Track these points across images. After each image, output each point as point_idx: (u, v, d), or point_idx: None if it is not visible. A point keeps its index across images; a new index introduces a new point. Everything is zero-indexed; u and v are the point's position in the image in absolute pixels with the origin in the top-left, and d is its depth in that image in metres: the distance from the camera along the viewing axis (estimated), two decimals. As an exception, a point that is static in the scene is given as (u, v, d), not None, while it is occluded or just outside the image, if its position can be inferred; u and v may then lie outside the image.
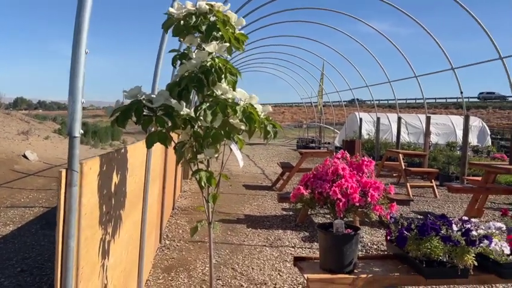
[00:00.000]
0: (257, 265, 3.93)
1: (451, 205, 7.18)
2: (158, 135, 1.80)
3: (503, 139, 19.85)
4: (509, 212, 2.68)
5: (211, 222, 1.93)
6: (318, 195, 2.17)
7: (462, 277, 2.06)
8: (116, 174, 1.99)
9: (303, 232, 5.11)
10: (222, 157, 2.08)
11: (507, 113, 43.31)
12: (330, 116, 24.43)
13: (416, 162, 10.80)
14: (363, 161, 2.27)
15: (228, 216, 5.84)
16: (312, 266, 2.30)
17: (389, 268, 2.26)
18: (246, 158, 14.25)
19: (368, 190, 2.13)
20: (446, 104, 46.05)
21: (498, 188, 5.94)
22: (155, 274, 3.60)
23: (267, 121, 1.93)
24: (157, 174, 3.67)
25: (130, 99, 1.83)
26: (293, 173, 7.91)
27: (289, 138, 25.60)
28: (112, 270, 2.02)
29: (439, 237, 2.09)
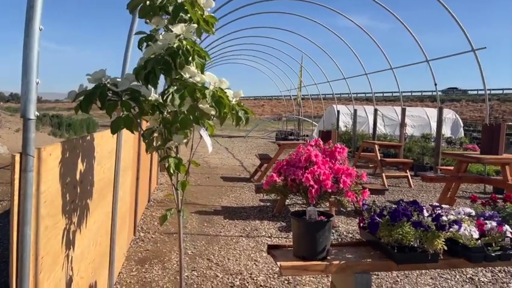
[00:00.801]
0: (233, 255, 3.91)
1: (425, 194, 7.34)
2: (124, 120, 1.73)
3: (476, 131, 20.42)
4: (478, 198, 2.73)
5: (180, 210, 1.88)
6: (291, 182, 2.15)
7: (432, 262, 2.09)
8: (81, 162, 1.91)
9: (280, 222, 5.11)
10: (194, 145, 2.03)
11: (479, 106, 44.59)
12: (309, 109, 24.57)
13: (392, 153, 10.98)
14: (336, 148, 2.26)
15: (205, 207, 5.79)
16: (285, 254, 2.28)
17: (361, 254, 2.27)
18: (225, 151, 14.18)
19: (340, 177, 2.12)
20: (422, 97, 47.04)
21: (469, 177, 6.09)
22: (129, 266, 3.52)
23: (238, 107, 1.89)
24: (129, 165, 3.58)
25: (94, 84, 1.75)
26: (271, 165, 7.90)
27: (269, 131, 25.64)
28: (78, 261, 1.95)
29: (410, 223, 2.10)
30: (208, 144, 1.79)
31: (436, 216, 2.06)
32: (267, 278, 3.41)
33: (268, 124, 29.84)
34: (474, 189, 8.02)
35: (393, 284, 3.37)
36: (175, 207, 1.91)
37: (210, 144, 1.81)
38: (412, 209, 2.22)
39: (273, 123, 30.67)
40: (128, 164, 3.57)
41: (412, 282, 3.40)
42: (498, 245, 2.11)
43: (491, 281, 3.45)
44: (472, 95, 47.23)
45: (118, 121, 1.73)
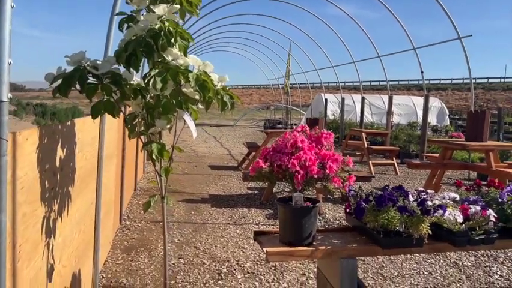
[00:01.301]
0: (220, 243, 3.90)
1: (411, 181, 7.43)
2: (105, 104, 1.68)
3: (461, 119, 20.69)
4: (462, 183, 2.75)
5: (164, 196, 1.85)
6: (277, 168, 2.13)
7: (417, 246, 2.10)
8: (61, 149, 1.85)
9: (267, 210, 5.12)
10: (178, 131, 1.99)
11: (465, 94, 45.19)
12: (297, 98, 24.56)
13: (379, 141, 11.06)
14: (322, 134, 2.24)
15: (192, 196, 5.76)
16: (271, 240, 2.27)
17: (347, 240, 2.27)
18: (213, 140, 14.12)
19: (326, 162, 2.11)
20: (409, 86, 47.42)
21: (454, 164, 6.17)
22: (114, 255, 3.49)
23: (223, 91, 1.85)
24: (113, 153, 3.52)
25: (73, 66, 1.69)
26: (259, 153, 7.88)
27: (257, 120, 25.61)
28: (60, 250, 1.91)
29: (396, 208, 2.11)
30: (192, 130, 1.75)
31: (422, 201, 2.07)
32: (254, 265, 3.41)
33: (257, 113, 29.78)
34: (459, 175, 8.14)
35: (379, 269, 3.41)
36: (159, 194, 1.87)
37: (194, 129, 1.77)
38: (398, 194, 2.22)
39: (261, 112, 30.61)
40: (112, 151, 3.50)
41: (397, 267, 3.44)
42: (482, 229, 2.13)
43: (475, 265, 3.52)
44: (458, 84, 47.83)
45: (98, 105, 1.68)
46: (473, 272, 3.38)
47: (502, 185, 2.56)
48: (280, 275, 3.22)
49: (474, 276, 3.29)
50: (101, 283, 2.92)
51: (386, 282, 3.16)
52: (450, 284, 3.15)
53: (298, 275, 3.24)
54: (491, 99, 41.01)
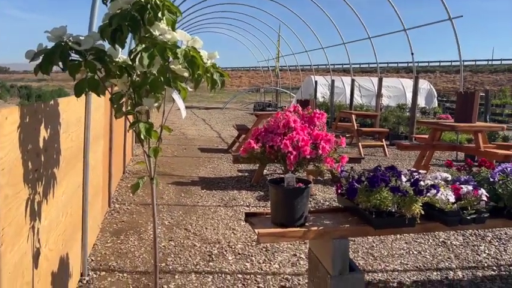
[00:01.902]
0: (211, 225, 3.88)
1: (400, 163, 7.48)
2: (89, 82, 1.60)
3: (449, 101, 20.86)
4: (453, 163, 2.75)
5: (153, 177, 1.80)
6: (269, 149, 2.09)
7: (409, 226, 2.10)
8: (44, 129, 1.78)
9: (258, 192, 5.10)
10: (166, 110, 1.92)
11: (452, 77, 45.48)
12: (287, 80, 24.43)
13: (368, 123, 11.09)
14: (314, 114, 2.20)
15: (182, 178, 5.71)
16: (263, 221, 2.25)
17: (339, 220, 2.26)
18: (202, 122, 14.00)
19: (319, 143, 2.08)
20: (398, 68, 47.52)
21: (443, 145, 6.21)
22: (104, 238, 3.44)
23: (213, 69, 1.78)
24: (100, 134, 3.44)
25: (54, 42, 1.60)
26: (249, 135, 7.83)
27: (247, 102, 25.44)
28: (46, 233, 1.85)
29: (388, 188, 2.09)
30: (181, 109, 1.69)
31: (415, 181, 2.05)
32: (245, 246, 3.41)
33: (246, 96, 29.58)
34: (446, 157, 8.22)
35: (369, 249, 3.43)
36: (148, 175, 1.82)
37: (184, 109, 1.70)
38: (390, 175, 2.21)
39: (251, 94, 30.42)
40: (99, 133, 3.42)
41: (387, 247, 3.47)
42: (473, 209, 2.13)
43: (463, 244, 3.56)
44: (446, 67, 48.09)
45: (82, 83, 1.60)
46: (462, 251, 3.43)
47: (493, 165, 2.57)
48: (272, 256, 3.22)
49: (462, 255, 3.33)
50: (90, 266, 2.88)
51: (376, 262, 3.19)
52: (439, 263, 3.18)
53: (289, 256, 3.25)
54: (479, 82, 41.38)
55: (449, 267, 3.11)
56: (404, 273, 3.01)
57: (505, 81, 41.45)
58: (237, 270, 2.96)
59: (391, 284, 2.83)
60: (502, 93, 21.86)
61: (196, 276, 2.84)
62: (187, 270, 2.93)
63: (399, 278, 2.92)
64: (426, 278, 2.94)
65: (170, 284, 2.71)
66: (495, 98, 20.84)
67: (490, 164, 2.55)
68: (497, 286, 2.82)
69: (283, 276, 2.90)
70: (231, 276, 2.87)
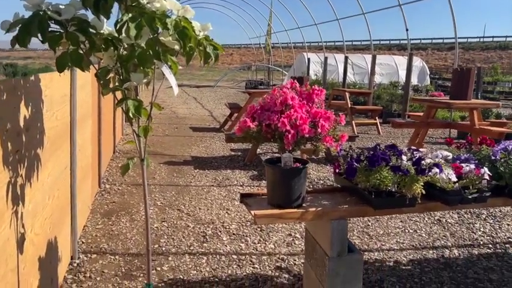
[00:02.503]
0: (204, 205, 3.81)
1: (393, 140, 7.44)
2: (71, 55, 1.47)
3: (441, 79, 20.85)
4: (453, 141, 2.69)
5: (143, 158, 1.70)
6: (266, 128, 1.99)
7: (410, 206, 2.04)
8: (25, 107, 1.65)
9: (251, 171, 5.03)
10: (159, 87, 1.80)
11: (444, 54, 45.40)
12: (279, 58, 24.10)
13: (361, 101, 11.01)
14: (313, 90, 2.10)
15: (174, 158, 5.61)
16: (259, 202, 2.17)
17: (337, 201, 2.20)
18: (193, 101, 13.80)
19: (318, 121, 1.98)
20: (390, 46, 47.25)
21: (438, 123, 6.18)
22: (94, 220, 3.36)
23: (206, 41, 1.66)
24: (87, 112, 3.30)
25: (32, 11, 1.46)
26: (241, 114, 7.70)
27: (238, 80, 25.15)
28: (31, 217, 1.76)
29: (389, 168, 2.02)
30: (173, 85, 1.57)
31: (417, 160, 1.98)
32: (239, 226, 3.35)
33: (237, 73, 29.22)
34: (439, 134, 8.22)
35: (364, 228, 3.40)
36: (138, 156, 1.72)
37: (175, 84, 1.59)
38: (391, 153, 2.13)
39: (242, 72, 30.04)
40: (87, 111, 3.28)
41: (383, 225, 3.44)
42: (475, 188, 2.08)
43: (458, 222, 3.55)
44: (438, 44, 47.91)
45: (64, 57, 1.47)
46: (457, 229, 3.42)
47: (494, 143, 2.51)
48: (267, 236, 3.18)
49: (458, 233, 3.32)
50: (80, 249, 2.81)
51: (372, 241, 3.16)
52: (435, 241, 3.17)
53: (284, 236, 3.20)
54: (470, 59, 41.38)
55: (445, 246, 3.10)
56: (400, 252, 2.98)
57: (496, 58, 41.51)
58: (231, 251, 2.91)
59: (387, 263, 2.81)
60: (494, 71, 21.89)
61: (190, 258, 2.78)
62: (180, 251, 2.87)
63: (395, 257, 2.90)
64: (423, 256, 2.92)
65: (164, 266, 2.65)
66: (486, 75, 20.85)
67: (490, 142, 2.49)
68: (493, 264, 2.82)
69: (278, 257, 2.86)
70: (225, 257, 2.82)
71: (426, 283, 2.56)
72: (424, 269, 2.73)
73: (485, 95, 16.73)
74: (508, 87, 17.17)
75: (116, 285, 2.41)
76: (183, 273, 2.57)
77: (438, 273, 2.67)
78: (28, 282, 1.72)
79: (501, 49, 44.72)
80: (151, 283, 1.76)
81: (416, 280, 2.59)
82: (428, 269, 2.74)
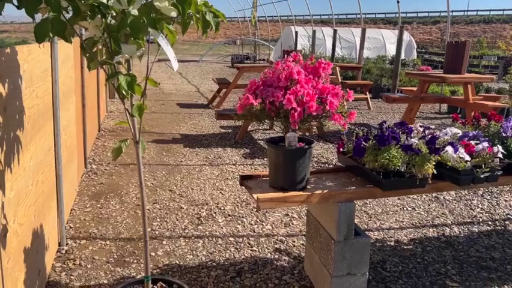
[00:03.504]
0: (197, 185, 3.67)
1: (384, 116, 7.38)
2: (53, 23, 1.27)
3: (427, 53, 20.80)
4: (459, 117, 2.59)
5: (138, 141, 1.53)
6: (270, 106, 1.84)
7: (420, 187, 1.94)
8: (1, 84, 1.46)
9: (243, 149, 4.89)
10: (153, 61, 1.61)
11: (429, 28, 45.37)
12: (265, 31, 23.59)
13: (350, 76, 10.86)
14: (320, 64, 1.94)
15: (162, 136, 5.42)
16: (260, 185, 2.04)
17: (342, 182, 2.09)
18: (179, 76, 13.44)
19: (325, 97, 1.83)
20: (375, 20, 46.91)
21: (431, 97, 6.10)
22: (82, 202, 3.19)
23: (205, 7, 1.47)
24: (70, 88, 3.07)
25: (3, -29, 1.25)
26: (230, 90, 7.49)
27: (223, 55, 24.62)
28: (13, 206, 1.59)
29: (399, 147, 1.91)
30: (171, 58, 1.40)
31: (432, 138, 1.87)
32: (234, 207, 3.24)
33: (222, 48, 28.62)
34: (430, 109, 8.18)
35: (362, 206, 3.33)
36: (131, 138, 1.55)
37: (174, 57, 1.41)
38: (400, 131, 2.02)
39: (228, 47, 29.40)
40: (70, 87, 3.05)
41: (381, 203, 3.38)
42: (488, 167, 1.98)
43: (456, 199, 3.51)
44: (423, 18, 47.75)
45: (44, 25, 1.28)
46: (455, 206, 3.37)
47: (502, 118, 2.41)
48: (263, 217, 3.07)
49: (456, 211, 3.28)
50: (68, 234, 2.65)
51: (371, 220, 3.09)
52: (434, 219, 3.12)
53: (281, 216, 3.11)
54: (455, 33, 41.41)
55: (445, 223, 3.05)
56: (400, 231, 2.93)
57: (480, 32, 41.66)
58: (228, 233, 2.80)
59: (388, 243, 2.74)
60: (479, 45, 21.92)
61: (185, 241, 2.66)
62: (175, 235, 2.74)
63: (396, 236, 2.84)
64: (423, 235, 2.87)
65: (158, 251, 2.52)
66: (472, 49, 20.88)
67: (499, 118, 2.39)
68: (494, 241, 2.78)
69: (277, 238, 2.76)
70: (222, 240, 2.71)
71: (429, 263, 2.50)
72: (426, 248, 2.68)
73: (471, 69, 16.77)
74: (493, 61, 17.23)
75: (109, 272, 2.28)
76: (179, 258, 2.45)
77: (441, 252, 2.62)
78: (13, 277, 1.57)
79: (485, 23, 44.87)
80: (149, 276, 1.63)
81: (418, 260, 2.53)
82: (429, 248, 2.69)
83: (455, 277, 2.36)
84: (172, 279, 1.94)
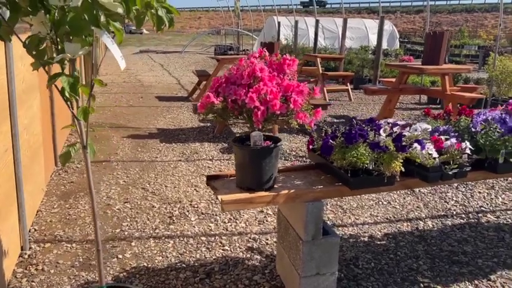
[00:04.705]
0: (171, 182, 3.60)
1: (364, 107, 7.37)
2: (-16, 21, 1.17)
3: (410, 42, 20.89)
4: (431, 111, 2.56)
5: (86, 145, 1.45)
6: (232, 104, 1.77)
7: (388, 184, 1.91)
8: None
9: (221, 143, 4.82)
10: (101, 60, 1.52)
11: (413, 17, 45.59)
12: (249, 21, 23.34)
13: (332, 66, 10.84)
14: (284, 60, 1.87)
15: (138, 131, 5.30)
16: (227, 185, 1.99)
17: (311, 180, 2.04)
18: (160, 68, 13.22)
19: (290, 95, 1.77)
20: (359, 9, 46.93)
21: (410, 88, 6.10)
22: (50, 203, 3.08)
23: (157, 3, 1.39)
24: (33, 84, 2.94)
25: None
26: (210, 82, 7.37)
27: (207, 45, 24.31)
28: (-42, 215, 1.49)
29: (367, 144, 1.86)
30: (117, 57, 1.31)
31: (398, 136, 1.83)
32: (208, 205, 3.18)
33: (206, 38, 28.27)
34: (410, 100, 8.21)
35: (338, 201, 3.30)
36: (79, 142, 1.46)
37: (120, 57, 1.32)
38: (368, 128, 1.97)
39: (211, 37, 29.05)
40: (32, 84, 2.92)
41: (357, 198, 3.36)
42: (456, 163, 1.96)
43: (431, 192, 3.52)
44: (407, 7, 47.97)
45: (-25, 23, 1.18)
46: (430, 199, 3.38)
47: (472, 112, 2.39)
48: (237, 214, 3.02)
49: (431, 204, 3.28)
50: (32, 237, 2.56)
51: (345, 215, 3.07)
52: (409, 213, 3.11)
53: (256, 213, 3.06)
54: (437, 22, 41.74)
55: (419, 217, 3.05)
56: (375, 226, 2.91)
57: (462, 21, 42.06)
58: (200, 232, 2.74)
59: (362, 239, 2.72)
60: (461, 34, 22.12)
61: (155, 242, 2.59)
62: (144, 235, 2.67)
63: (370, 232, 2.82)
64: (397, 229, 2.86)
65: (126, 253, 2.45)
66: (454, 38, 21.05)
67: (469, 112, 2.37)
68: (466, 235, 2.79)
69: (250, 236, 2.72)
70: (193, 240, 2.65)
71: (401, 258, 2.49)
72: (399, 243, 2.67)
73: (452, 58, 16.91)
74: (474, 50, 17.42)
75: (73, 277, 2.20)
76: (147, 260, 2.39)
77: (413, 247, 2.62)
78: (-41, 290, 1.48)
79: (467, 12, 45.31)
80: (104, 285, 1.56)
81: (391, 256, 2.52)
82: (403, 243, 2.68)
83: (426, 273, 2.35)
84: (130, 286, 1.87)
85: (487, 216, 3.08)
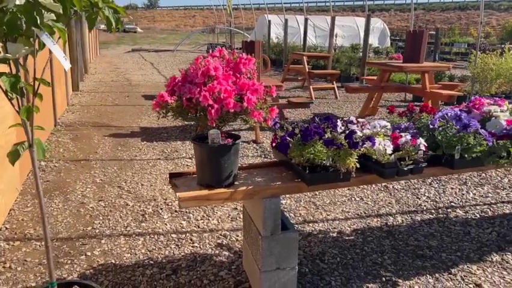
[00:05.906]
0: (148, 181, 3.62)
1: (349, 105, 7.43)
2: None
3: (401, 40, 20.97)
4: (395, 109, 2.61)
5: (32, 144, 1.47)
6: (187, 102, 1.80)
7: (345, 180, 1.95)
8: None
9: (202, 141, 4.84)
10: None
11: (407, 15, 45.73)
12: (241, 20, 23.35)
13: (321, 65, 10.89)
14: (240, 59, 1.90)
15: (120, 130, 5.32)
16: (188, 183, 2.01)
17: (272, 177, 2.07)
18: (150, 66, 13.22)
19: (245, 94, 1.81)
20: (353, 7, 47.04)
21: (391, 86, 6.16)
22: (23, 201, 3.10)
23: (103, 3, 1.42)
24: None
25: None
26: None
27: (201, 44, 24.35)
28: None
29: (322, 141, 1.90)
30: (59, 58, 1.34)
31: (349, 133, 1.87)
32: (183, 202, 3.20)
33: (200, 36, 28.28)
34: (396, 97, 8.27)
35: (311, 197, 3.35)
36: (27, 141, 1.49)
37: (63, 57, 1.35)
38: (325, 126, 2.01)
39: (205, 35, 29.03)
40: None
41: (330, 194, 3.40)
42: (411, 159, 2.00)
43: (404, 188, 3.57)
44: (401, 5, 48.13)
45: None
46: (403, 195, 3.43)
47: (435, 110, 2.44)
48: (211, 211, 3.06)
49: (403, 200, 3.33)
50: (3, 236, 2.58)
51: (318, 211, 3.11)
52: (380, 209, 3.16)
53: (229, 210, 3.09)
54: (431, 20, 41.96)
55: (390, 213, 3.10)
56: (345, 222, 2.95)
57: (455, 19, 42.28)
58: (171, 230, 2.78)
59: (331, 234, 2.77)
60: (452, 32, 22.25)
61: (125, 240, 2.62)
62: (115, 233, 2.70)
63: (339, 227, 2.87)
64: (367, 225, 2.90)
65: (95, 251, 2.48)
66: (445, 36, 21.17)
67: (431, 109, 2.41)
68: (434, 229, 2.84)
69: (221, 233, 2.75)
70: (164, 237, 2.68)
71: (367, 253, 2.54)
72: (367, 239, 2.71)
73: (443, 56, 17.02)
74: (464, 48, 17.54)
75: (39, 275, 2.22)
76: (115, 257, 2.42)
77: (380, 242, 2.66)
78: None
79: (460, 9, 45.54)
80: (54, 281, 1.59)
81: (357, 251, 2.56)
82: (370, 238, 2.72)
83: (390, 267, 2.40)
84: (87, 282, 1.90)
85: (456, 211, 3.13)
